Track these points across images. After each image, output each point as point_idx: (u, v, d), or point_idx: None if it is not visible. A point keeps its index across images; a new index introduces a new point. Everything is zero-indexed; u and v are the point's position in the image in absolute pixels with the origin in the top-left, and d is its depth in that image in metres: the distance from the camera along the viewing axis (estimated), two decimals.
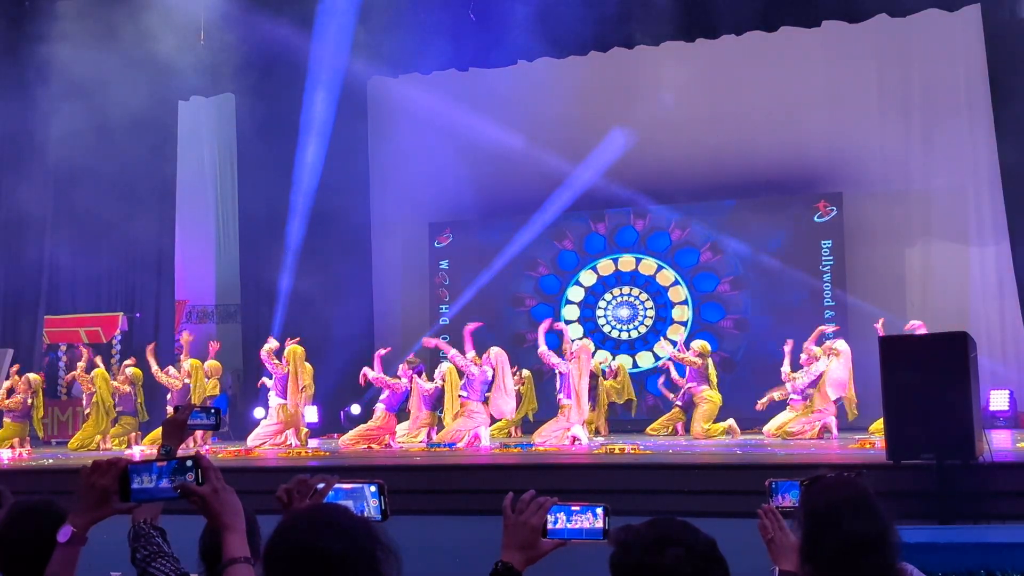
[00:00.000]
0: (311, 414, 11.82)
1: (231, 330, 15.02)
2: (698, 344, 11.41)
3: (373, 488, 2.27)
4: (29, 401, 11.57)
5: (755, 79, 13.35)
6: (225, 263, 15.69)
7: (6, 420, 11.64)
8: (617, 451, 8.93)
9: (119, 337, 14.09)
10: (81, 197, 13.37)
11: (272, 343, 11.44)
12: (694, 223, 13.66)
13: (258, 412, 13.63)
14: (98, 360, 12.13)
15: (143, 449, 11.24)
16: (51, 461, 10.01)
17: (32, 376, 11.77)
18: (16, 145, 13.57)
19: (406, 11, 12.70)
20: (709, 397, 11.05)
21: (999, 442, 8.87)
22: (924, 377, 6.48)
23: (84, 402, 12.06)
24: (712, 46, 12.88)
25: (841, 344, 10.59)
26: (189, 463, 2.13)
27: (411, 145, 14.79)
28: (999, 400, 11.76)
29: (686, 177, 13.58)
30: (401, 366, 11.34)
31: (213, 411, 3.07)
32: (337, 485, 2.28)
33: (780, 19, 12.41)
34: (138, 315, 14.32)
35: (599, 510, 2.24)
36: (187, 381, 11.59)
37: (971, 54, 12.38)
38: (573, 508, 2.25)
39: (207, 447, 10.97)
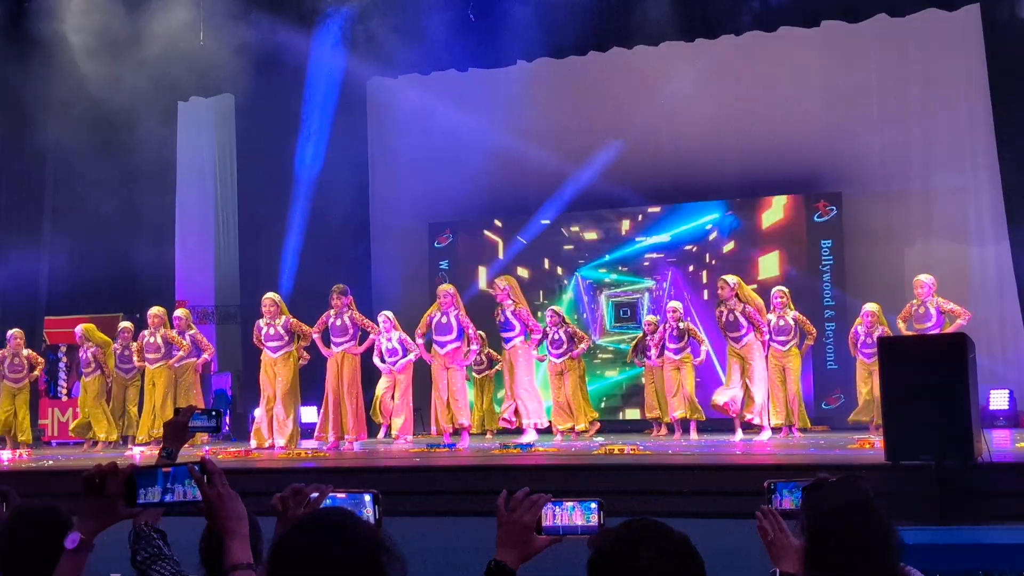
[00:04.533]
0: (309, 414, 11.82)
1: (231, 331, 15.02)
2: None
3: (368, 497, 2.28)
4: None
5: (754, 79, 13.37)
6: (225, 264, 15.69)
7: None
8: (616, 451, 8.93)
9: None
10: (80, 197, 13.39)
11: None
12: (694, 222, 13.66)
13: (258, 413, 13.64)
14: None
15: (142, 450, 11.24)
16: (51, 462, 10.01)
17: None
18: (15, 146, 13.57)
19: (406, 11, 12.72)
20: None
21: (998, 442, 8.88)
22: (923, 378, 6.48)
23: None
24: (711, 46, 12.89)
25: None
26: (196, 467, 2.14)
27: (411, 145, 14.79)
28: (999, 400, 11.79)
29: (686, 177, 13.59)
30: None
31: (214, 413, 3.08)
32: (332, 493, 2.28)
33: (779, 19, 12.43)
34: (138, 316, 14.32)
35: (593, 505, 2.25)
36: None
37: (971, 53, 12.38)
38: (567, 504, 2.25)
39: (207, 448, 10.97)
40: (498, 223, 14.48)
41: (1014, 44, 11.58)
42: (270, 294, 11.11)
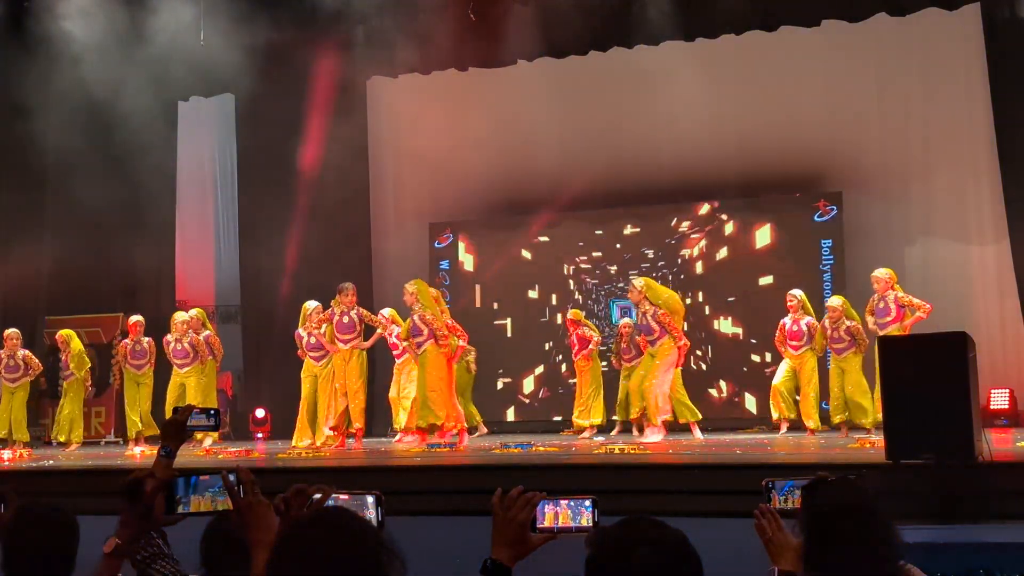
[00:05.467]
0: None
1: (231, 331, 15.02)
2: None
3: (370, 499, 2.28)
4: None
5: (755, 79, 13.36)
6: (225, 264, 15.69)
7: None
8: (617, 451, 8.93)
9: (119, 338, 14.10)
10: (81, 197, 13.39)
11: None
12: (693, 222, 13.65)
13: (260, 413, 13.68)
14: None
15: (142, 449, 11.25)
16: (51, 463, 10.01)
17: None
18: (15, 145, 13.58)
19: (406, 11, 12.73)
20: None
21: (999, 441, 8.87)
22: (923, 377, 6.49)
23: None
24: (712, 46, 12.90)
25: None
26: (232, 477, 2.18)
27: (411, 145, 14.79)
28: (999, 399, 11.79)
29: (686, 176, 13.58)
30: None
31: (213, 412, 3.09)
32: (334, 495, 2.29)
33: (780, 19, 12.43)
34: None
35: (587, 503, 2.26)
36: None
37: (971, 53, 12.39)
38: (562, 502, 2.27)
39: (205, 448, 10.96)
40: (498, 223, 14.46)
41: (1014, 44, 11.61)
42: (314, 303, 11.12)
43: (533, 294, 14.28)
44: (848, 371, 10.54)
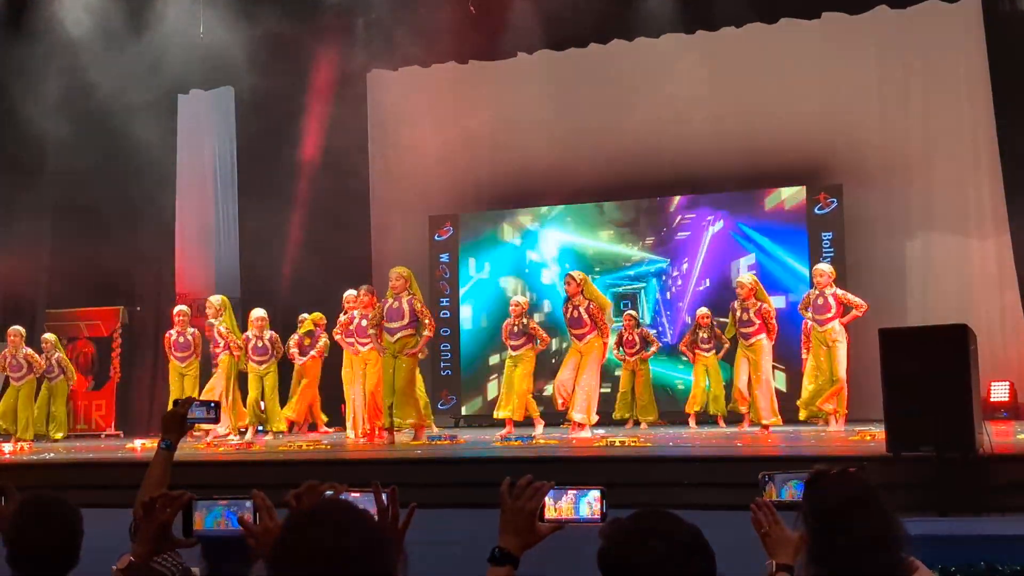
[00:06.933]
0: None
1: None
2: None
3: (383, 496, 2.29)
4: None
5: (755, 71, 13.34)
6: (225, 257, 15.68)
7: None
8: (618, 443, 8.94)
9: (120, 331, 14.14)
10: (80, 190, 13.38)
11: None
12: (693, 214, 13.64)
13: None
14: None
15: (143, 443, 11.24)
16: (51, 456, 10.01)
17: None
18: (14, 138, 13.56)
19: (406, 3, 12.72)
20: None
21: (999, 434, 8.87)
22: (924, 369, 6.48)
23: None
24: (712, 38, 12.89)
25: None
26: (248, 504, 2.20)
27: (411, 139, 14.78)
28: (999, 391, 11.80)
29: (686, 169, 13.57)
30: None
31: (213, 405, 3.08)
32: (346, 492, 2.29)
33: (780, 11, 12.42)
34: (138, 309, 14.36)
35: (596, 493, 2.27)
36: None
37: (971, 45, 12.37)
38: (570, 492, 2.27)
39: (207, 441, 10.96)
40: (498, 216, 14.45)
41: (1015, 36, 11.60)
42: (351, 292, 11.10)
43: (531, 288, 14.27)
44: (755, 359, 10.10)
